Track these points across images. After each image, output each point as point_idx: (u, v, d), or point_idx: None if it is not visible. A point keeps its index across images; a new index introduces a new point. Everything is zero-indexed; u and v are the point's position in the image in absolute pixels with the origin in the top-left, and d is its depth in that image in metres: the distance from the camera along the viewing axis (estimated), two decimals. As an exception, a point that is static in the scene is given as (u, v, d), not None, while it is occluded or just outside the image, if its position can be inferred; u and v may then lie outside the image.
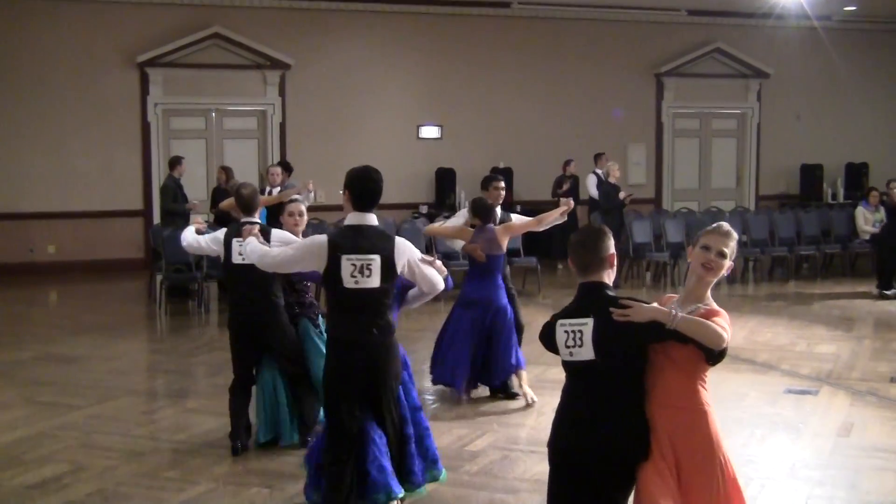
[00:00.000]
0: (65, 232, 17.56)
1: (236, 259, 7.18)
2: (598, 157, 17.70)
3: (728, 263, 4.44)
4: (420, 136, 19.49)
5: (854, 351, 10.82)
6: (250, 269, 6.62)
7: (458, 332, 8.82)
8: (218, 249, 7.39)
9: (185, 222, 15.20)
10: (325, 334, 7.14)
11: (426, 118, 19.49)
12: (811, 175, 21.27)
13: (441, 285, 5.81)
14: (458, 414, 8.32)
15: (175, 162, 15.48)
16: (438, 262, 5.87)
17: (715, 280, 4.39)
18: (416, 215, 17.24)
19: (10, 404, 8.76)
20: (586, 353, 4.18)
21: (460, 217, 9.11)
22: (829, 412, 8.31)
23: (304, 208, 7.63)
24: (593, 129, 19.91)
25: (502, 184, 9.58)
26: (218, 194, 15.77)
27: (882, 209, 16.20)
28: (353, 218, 5.56)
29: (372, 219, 5.56)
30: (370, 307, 5.49)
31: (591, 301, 4.29)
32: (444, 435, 7.62)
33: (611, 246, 4.39)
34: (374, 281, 5.44)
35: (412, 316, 13.71)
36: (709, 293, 4.38)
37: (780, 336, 11.69)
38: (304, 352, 7.44)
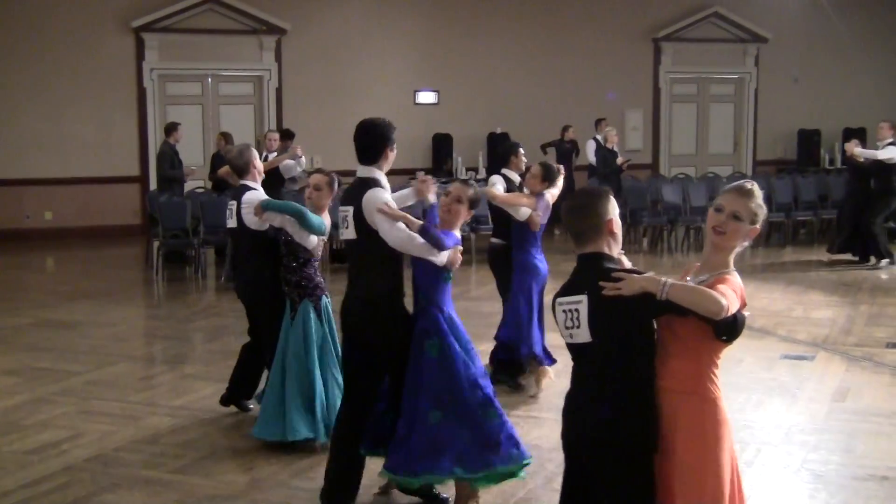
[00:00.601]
0: (61, 198, 17.53)
1: (229, 223, 7.07)
2: (598, 123, 17.68)
3: (746, 227, 3.86)
4: (417, 101, 19.43)
5: (850, 316, 10.85)
6: (239, 233, 6.67)
7: (537, 304, 8.00)
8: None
9: (182, 189, 15.22)
10: (331, 320, 6.75)
11: (423, 83, 19.43)
12: (808, 140, 21.22)
13: (408, 247, 5.37)
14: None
15: (171, 128, 15.41)
16: (429, 178, 6.00)
17: (734, 246, 3.90)
18: (413, 181, 17.19)
19: (9, 370, 8.78)
20: (584, 334, 3.79)
21: (498, 184, 8.11)
22: (825, 377, 8.34)
23: (329, 180, 6.75)
24: (591, 95, 19.86)
25: (523, 152, 8.65)
26: (217, 160, 15.72)
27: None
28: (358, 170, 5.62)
29: (364, 171, 5.57)
30: (353, 260, 5.62)
31: (586, 275, 3.85)
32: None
33: (610, 210, 3.95)
34: (351, 232, 5.48)
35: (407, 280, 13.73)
36: (730, 261, 3.93)
37: (776, 302, 11.71)
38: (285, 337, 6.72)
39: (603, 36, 20.32)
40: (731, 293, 3.70)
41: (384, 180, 5.64)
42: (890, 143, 13.93)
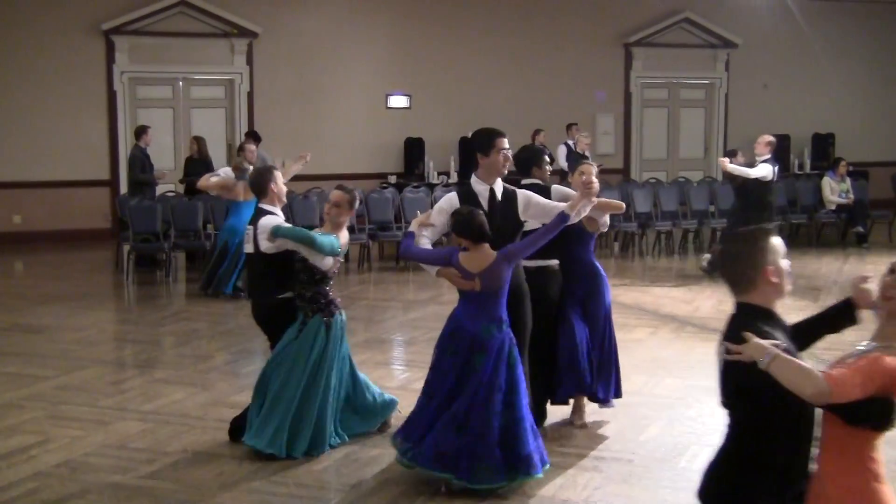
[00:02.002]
0: (30, 202, 17.39)
1: (247, 247, 6.85)
2: (569, 128, 17.76)
3: None
4: (389, 105, 19.41)
5: (819, 320, 10.90)
6: (255, 256, 6.76)
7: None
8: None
9: (153, 192, 15.15)
10: (342, 338, 6.78)
11: (395, 87, 19.41)
12: (779, 145, 21.24)
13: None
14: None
15: (141, 131, 15.33)
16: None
17: None
18: (385, 185, 17.20)
19: (-24, 375, 8.71)
20: (720, 391, 3.50)
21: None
22: (795, 381, 8.37)
23: (350, 198, 6.70)
24: (562, 99, 19.91)
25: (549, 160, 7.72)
26: (190, 164, 15.67)
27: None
28: None
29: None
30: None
31: (728, 329, 3.58)
32: (413, 405, 7.63)
33: (769, 258, 3.64)
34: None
35: (380, 285, 13.74)
36: None
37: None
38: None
39: (574, 41, 20.38)
40: (856, 375, 3.34)
41: (478, 186, 6.18)
42: (765, 161, 13.78)
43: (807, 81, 22.01)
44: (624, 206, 7.11)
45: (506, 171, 6.23)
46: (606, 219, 7.02)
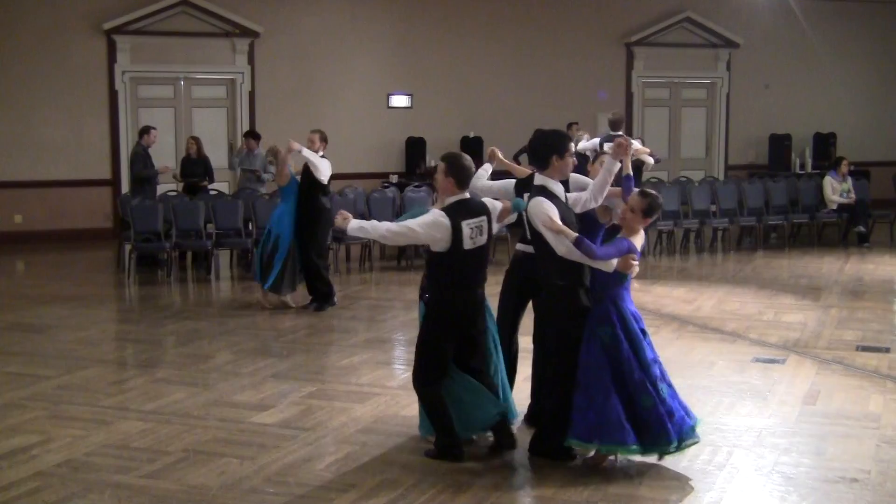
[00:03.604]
0: (31, 201, 17.40)
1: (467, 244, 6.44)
2: (570, 127, 17.70)
3: None
4: (390, 104, 19.41)
5: (821, 320, 10.92)
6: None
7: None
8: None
9: (154, 191, 15.16)
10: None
11: (396, 87, 19.41)
12: (780, 145, 21.36)
13: (573, 258, 6.15)
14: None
15: (144, 131, 15.34)
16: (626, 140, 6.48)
17: None
18: (386, 184, 17.20)
19: (-22, 375, 8.71)
20: None
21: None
22: (796, 380, 8.39)
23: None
24: (563, 99, 19.90)
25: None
26: (188, 164, 15.68)
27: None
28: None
29: (538, 178, 6.38)
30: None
31: None
32: (414, 404, 7.62)
33: None
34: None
35: (381, 285, 13.74)
36: None
37: (747, 305, 11.77)
38: None
39: (576, 40, 20.38)
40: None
41: (554, 187, 6.31)
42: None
43: (808, 81, 22.00)
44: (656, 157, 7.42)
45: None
46: (619, 210, 7.02)
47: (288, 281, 11.50)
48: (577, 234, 6.06)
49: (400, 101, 19.48)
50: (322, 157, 11.38)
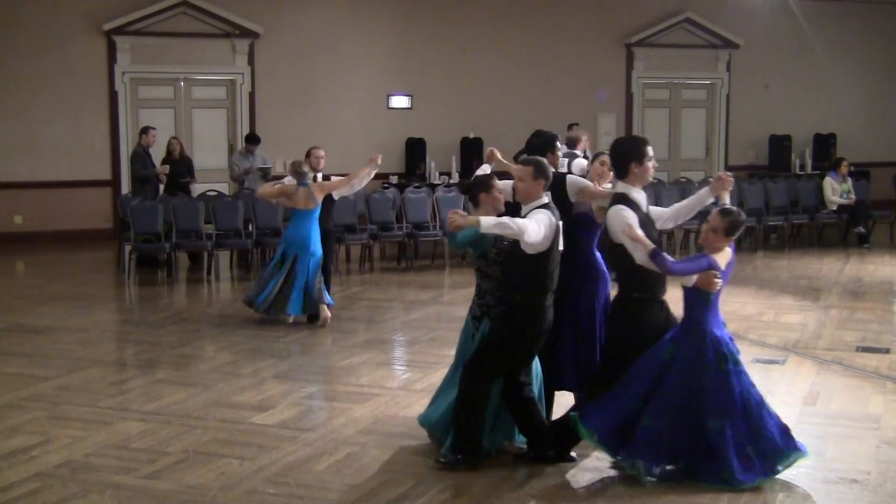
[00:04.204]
0: (31, 202, 17.40)
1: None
2: (570, 127, 17.70)
3: None
4: (390, 105, 19.41)
5: (820, 321, 10.92)
6: None
7: None
8: None
9: (155, 190, 15.16)
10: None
11: (396, 88, 19.41)
12: (780, 145, 21.35)
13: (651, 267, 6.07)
14: (429, 384, 8.34)
15: (143, 131, 15.38)
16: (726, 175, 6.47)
17: None
18: (386, 185, 17.20)
19: (-22, 375, 8.71)
20: None
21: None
22: (796, 381, 8.39)
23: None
24: (564, 100, 19.90)
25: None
26: (172, 165, 15.51)
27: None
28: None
29: (619, 186, 6.35)
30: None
31: None
32: (414, 405, 7.64)
33: None
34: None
35: (381, 286, 13.74)
36: None
37: (747, 306, 11.77)
38: None
39: (576, 41, 20.38)
40: None
41: (636, 195, 6.26)
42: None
43: (808, 82, 22.00)
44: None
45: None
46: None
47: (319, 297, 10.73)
48: (653, 246, 5.98)
49: (400, 101, 19.47)
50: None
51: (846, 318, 11.05)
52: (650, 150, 6.26)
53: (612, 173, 6.87)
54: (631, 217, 6.06)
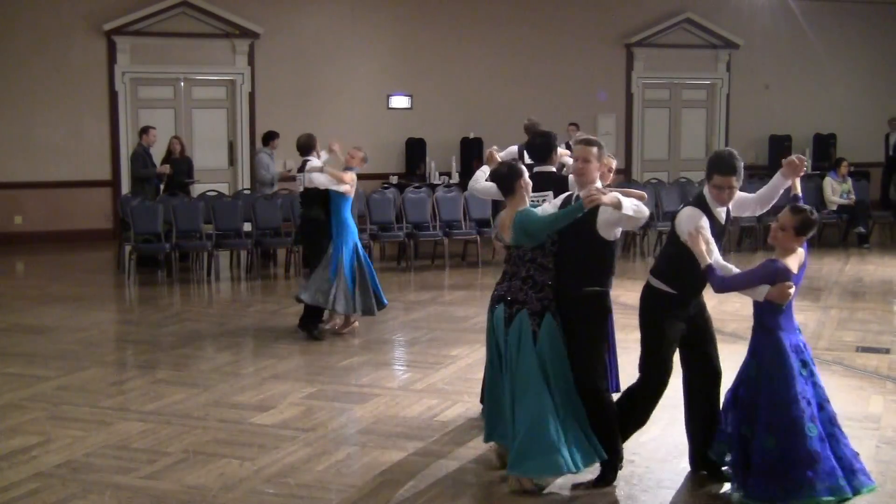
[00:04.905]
0: (31, 202, 17.40)
1: None
2: (569, 128, 17.76)
3: None
4: (390, 105, 19.41)
5: (821, 321, 10.92)
6: None
7: None
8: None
9: (156, 190, 15.16)
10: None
11: (396, 88, 19.41)
12: (780, 145, 21.35)
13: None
14: (428, 385, 8.34)
15: (144, 131, 15.39)
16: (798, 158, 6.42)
17: None
18: (386, 185, 17.20)
19: (-22, 375, 8.71)
20: None
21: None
22: (796, 381, 8.38)
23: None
24: (564, 100, 19.90)
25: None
26: (173, 164, 15.55)
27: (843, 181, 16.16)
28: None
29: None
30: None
31: None
32: (414, 405, 7.65)
33: None
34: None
35: (382, 286, 13.74)
36: None
37: (747, 306, 11.63)
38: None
39: (576, 41, 20.39)
40: None
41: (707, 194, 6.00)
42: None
43: (808, 82, 22.02)
44: (645, 195, 7.07)
45: None
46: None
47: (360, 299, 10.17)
48: (709, 263, 5.67)
49: (400, 101, 19.48)
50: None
51: (846, 319, 11.05)
52: (737, 178, 6.09)
53: (611, 175, 6.86)
54: (703, 223, 5.82)
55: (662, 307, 5.96)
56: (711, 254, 5.74)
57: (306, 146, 10.67)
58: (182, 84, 18.37)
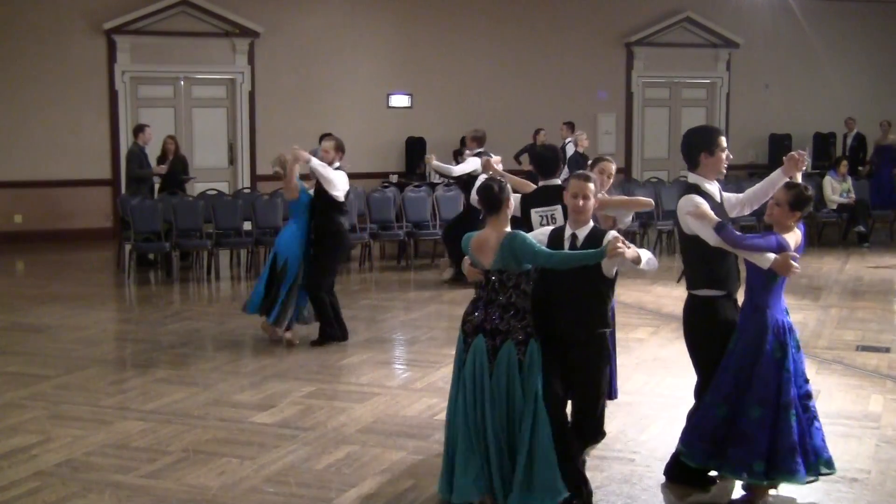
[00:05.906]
0: (31, 201, 17.40)
1: None
2: (567, 128, 17.76)
3: None
4: (390, 104, 19.42)
5: (820, 320, 10.92)
6: None
7: None
8: None
9: (151, 189, 15.15)
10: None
11: (396, 87, 19.41)
12: (779, 144, 21.36)
13: (723, 245, 5.74)
14: (428, 383, 8.34)
15: (139, 129, 15.32)
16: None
17: None
18: (386, 184, 17.20)
19: (-22, 374, 8.71)
20: None
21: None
22: (796, 380, 8.38)
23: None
24: (564, 99, 19.91)
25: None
26: (169, 164, 15.50)
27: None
28: None
29: (691, 177, 5.98)
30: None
31: None
32: (414, 404, 7.65)
33: None
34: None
35: (381, 285, 13.73)
36: None
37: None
38: None
39: (576, 40, 20.39)
40: None
41: (708, 186, 5.91)
42: (476, 154, 12.91)
43: (808, 81, 22.03)
44: (652, 202, 7.00)
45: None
46: (628, 219, 6.96)
47: (291, 314, 9.84)
48: (718, 220, 5.61)
49: (400, 100, 19.48)
50: (337, 168, 9.62)
51: (846, 317, 11.06)
52: (723, 141, 5.92)
53: (611, 181, 6.85)
54: (700, 200, 5.73)
55: (716, 315, 5.85)
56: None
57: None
58: (182, 83, 18.36)
